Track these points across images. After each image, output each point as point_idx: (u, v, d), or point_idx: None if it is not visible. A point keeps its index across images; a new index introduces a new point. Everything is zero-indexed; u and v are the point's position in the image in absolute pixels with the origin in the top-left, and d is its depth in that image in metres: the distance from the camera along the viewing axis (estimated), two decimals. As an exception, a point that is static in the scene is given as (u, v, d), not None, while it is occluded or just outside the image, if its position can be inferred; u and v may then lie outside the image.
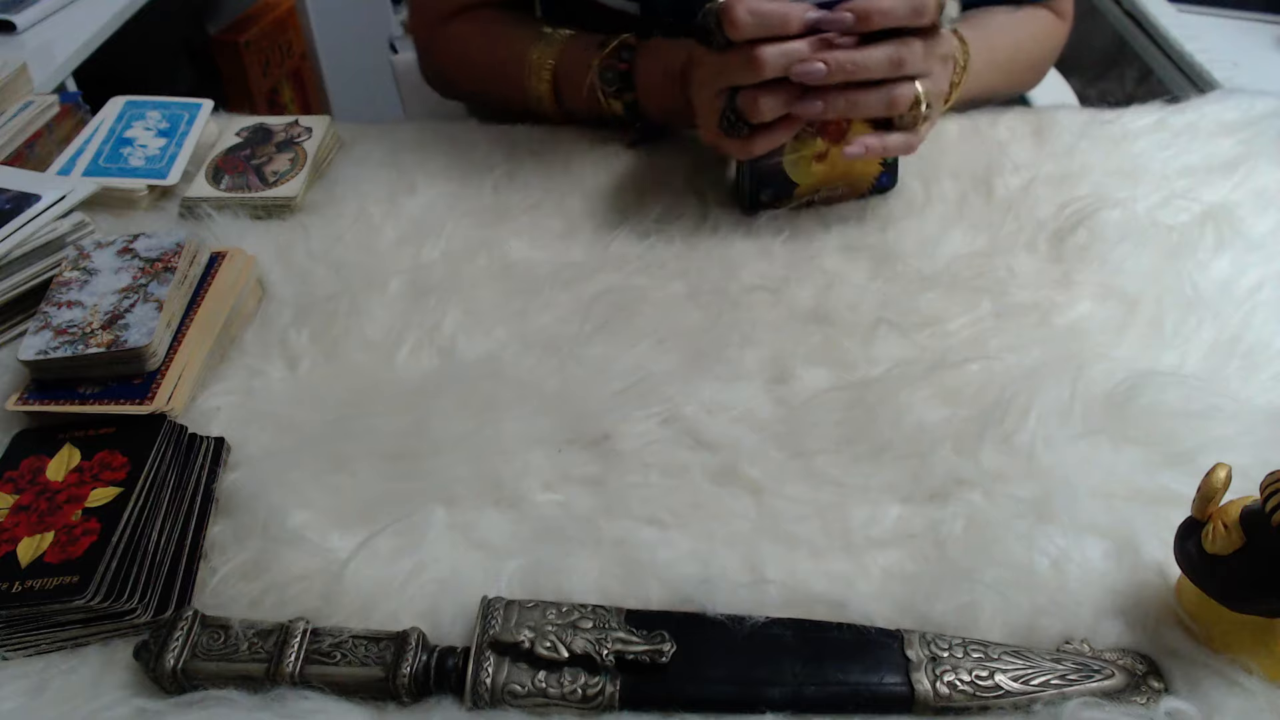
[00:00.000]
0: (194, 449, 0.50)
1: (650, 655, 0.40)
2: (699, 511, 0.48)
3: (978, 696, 0.40)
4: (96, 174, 0.72)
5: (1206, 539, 0.39)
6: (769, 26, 0.58)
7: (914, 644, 0.41)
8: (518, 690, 0.40)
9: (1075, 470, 0.49)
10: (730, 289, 0.62)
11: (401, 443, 0.51)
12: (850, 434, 0.52)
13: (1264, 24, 1.19)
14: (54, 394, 0.53)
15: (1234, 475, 0.39)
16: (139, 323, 0.54)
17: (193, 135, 0.76)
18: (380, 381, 0.56)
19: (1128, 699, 0.40)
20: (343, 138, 0.79)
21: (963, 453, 0.50)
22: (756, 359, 0.57)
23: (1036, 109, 0.80)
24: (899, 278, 0.63)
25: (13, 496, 0.47)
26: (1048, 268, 0.64)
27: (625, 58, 0.72)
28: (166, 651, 0.41)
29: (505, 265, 0.65)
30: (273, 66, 1.97)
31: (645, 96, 0.72)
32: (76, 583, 0.42)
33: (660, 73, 0.70)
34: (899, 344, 0.58)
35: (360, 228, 0.69)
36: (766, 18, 0.57)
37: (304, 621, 0.42)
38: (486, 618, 0.42)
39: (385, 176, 0.74)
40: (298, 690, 0.40)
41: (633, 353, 0.57)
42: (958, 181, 0.71)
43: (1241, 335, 0.57)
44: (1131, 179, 0.70)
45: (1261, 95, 0.77)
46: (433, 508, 0.48)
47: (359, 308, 0.61)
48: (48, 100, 0.77)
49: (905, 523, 0.48)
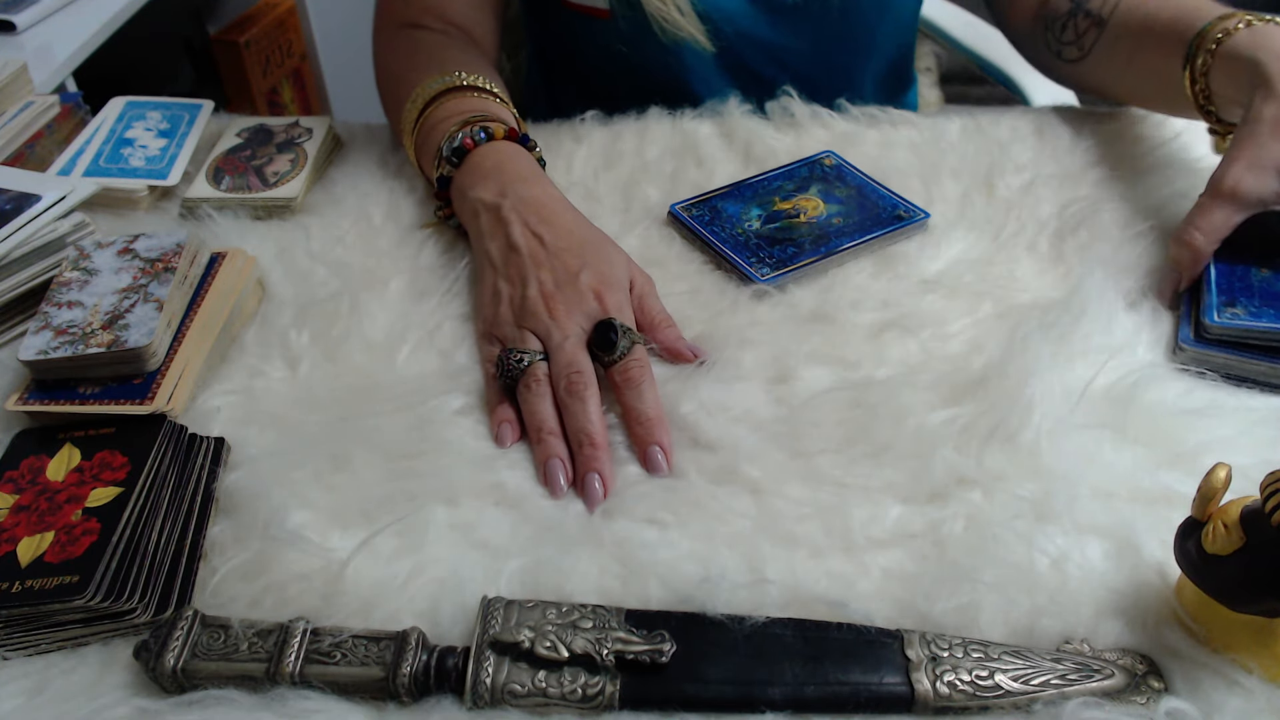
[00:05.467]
0: (194, 449, 0.50)
1: (650, 655, 0.40)
2: (699, 511, 0.48)
3: (978, 696, 0.40)
4: (97, 174, 0.72)
5: (1206, 539, 0.39)
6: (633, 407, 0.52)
7: (914, 644, 0.41)
8: (518, 690, 0.40)
9: (1075, 470, 0.49)
10: (730, 289, 0.62)
11: (401, 443, 0.51)
12: (850, 434, 0.52)
13: (1264, 24, 1.19)
14: (54, 394, 0.53)
15: (1234, 475, 0.39)
16: (139, 323, 0.54)
17: (193, 136, 0.76)
18: (380, 381, 0.56)
19: (1128, 699, 0.40)
20: (343, 138, 0.79)
21: (963, 453, 0.50)
22: (756, 358, 0.57)
23: (1037, 109, 0.80)
24: (899, 278, 0.63)
25: (13, 496, 0.47)
26: (1049, 267, 0.64)
27: (476, 137, 0.64)
28: (166, 651, 0.41)
29: (505, 265, 0.65)
30: (273, 66, 1.97)
31: (460, 188, 0.64)
32: (76, 582, 0.42)
33: (479, 178, 0.63)
34: (899, 344, 0.58)
35: (360, 228, 0.69)
36: (645, 393, 0.52)
37: (304, 621, 0.42)
38: (486, 617, 0.42)
39: (385, 176, 0.74)
40: (298, 690, 0.40)
41: (633, 353, 0.57)
42: (959, 181, 0.71)
43: (1242, 335, 0.57)
44: (1132, 179, 0.70)
45: (1262, 95, 0.77)
46: (433, 508, 0.48)
47: (359, 308, 0.61)
48: (48, 100, 0.77)
49: (905, 523, 0.48)
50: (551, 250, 0.58)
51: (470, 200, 0.63)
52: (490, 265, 0.60)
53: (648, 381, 0.53)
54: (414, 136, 0.69)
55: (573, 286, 0.57)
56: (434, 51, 0.75)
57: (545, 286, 0.57)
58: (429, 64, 0.72)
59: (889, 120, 0.78)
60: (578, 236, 0.60)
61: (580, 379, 0.53)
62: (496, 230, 0.60)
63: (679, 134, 0.77)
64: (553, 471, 0.50)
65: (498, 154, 0.64)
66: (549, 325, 0.55)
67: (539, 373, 0.54)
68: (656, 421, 0.52)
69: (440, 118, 0.67)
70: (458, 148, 0.64)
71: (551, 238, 0.59)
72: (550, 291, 0.57)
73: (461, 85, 0.69)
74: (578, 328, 0.55)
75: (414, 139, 0.70)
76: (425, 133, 0.68)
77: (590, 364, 0.54)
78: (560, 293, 0.56)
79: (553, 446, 0.51)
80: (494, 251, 0.60)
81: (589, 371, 0.53)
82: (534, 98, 0.99)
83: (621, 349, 0.54)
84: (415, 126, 0.69)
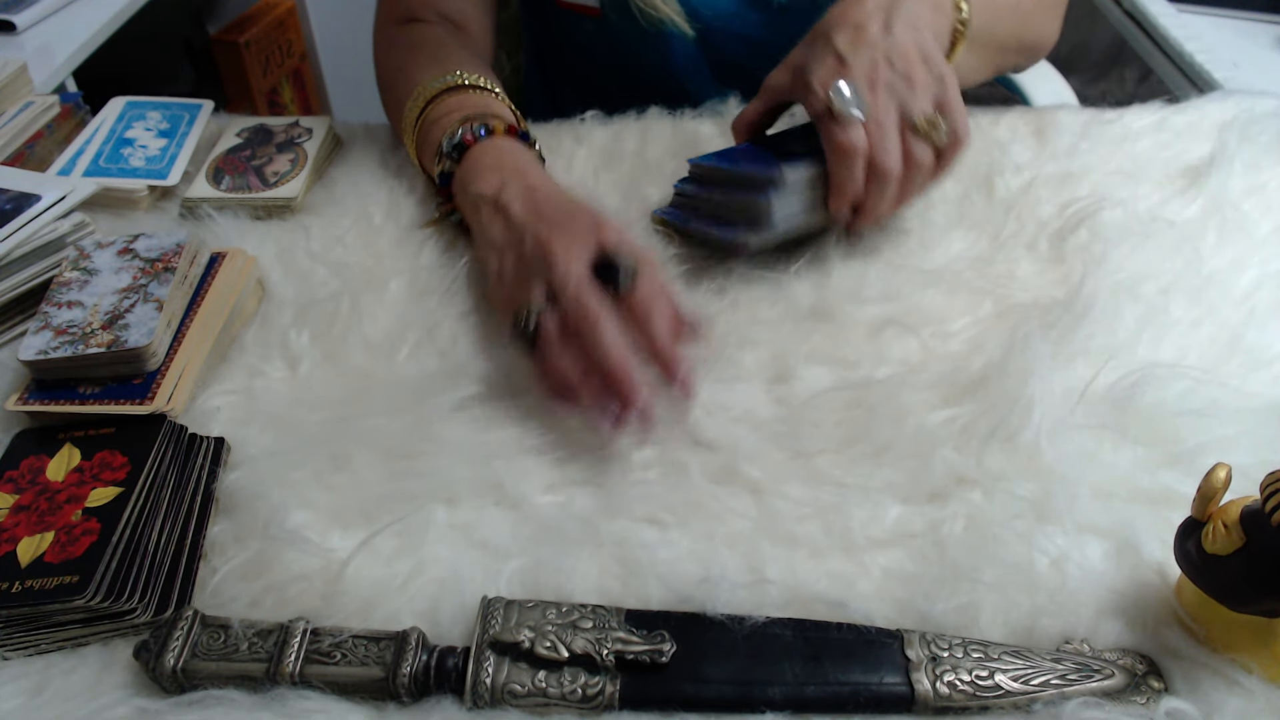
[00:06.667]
0: (194, 449, 0.51)
1: (650, 655, 0.40)
2: (699, 511, 0.48)
3: (978, 696, 0.40)
4: (97, 174, 0.72)
5: (1206, 539, 0.39)
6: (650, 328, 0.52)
7: (914, 644, 0.41)
8: (518, 690, 0.40)
9: (1075, 470, 0.49)
10: (730, 288, 0.62)
11: (401, 443, 0.51)
12: (850, 434, 0.52)
13: (1264, 24, 1.19)
14: (54, 394, 0.53)
15: (1234, 475, 0.39)
16: (139, 323, 0.54)
17: (193, 136, 0.76)
18: (380, 381, 0.57)
19: (1128, 699, 0.40)
20: (343, 138, 0.79)
21: (963, 452, 0.50)
22: (756, 358, 0.57)
23: (1037, 109, 0.80)
24: (900, 277, 0.63)
25: (13, 496, 0.47)
26: (1049, 267, 0.64)
27: (476, 133, 0.65)
28: (166, 651, 0.41)
29: (505, 265, 0.65)
30: (273, 66, 1.97)
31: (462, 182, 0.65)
32: (76, 582, 0.42)
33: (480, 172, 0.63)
34: (900, 344, 0.58)
35: (360, 228, 0.69)
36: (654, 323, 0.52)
37: (304, 621, 0.42)
38: (486, 618, 0.42)
39: (385, 176, 0.74)
40: (298, 690, 0.40)
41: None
42: (958, 181, 0.71)
43: (1242, 335, 0.57)
44: (1132, 179, 0.70)
45: (1261, 95, 0.77)
46: (433, 508, 0.48)
47: (359, 308, 0.61)
48: (48, 100, 0.77)
49: (905, 523, 0.48)
50: (547, 214, 0.58)
51: (471, 195, 0.63)
52: (493, 249, 0.60)
53: (657, 310, 0.52)
54: (415, 135, 0.70)
55: (568, 227, 0.55)
56: (434, 49, 0.75)
57: (540, 234, 0.56)
58: (429, 62, 0.73)
59: (889, 120, 0.78)
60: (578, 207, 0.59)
61: (585, 316, 0.51)
62: (496, 218, 0.60)
63: (679, 134, 0.77)
64: (596, 422, 0.51)
65: (498, 149, 0.64)
66: (549, 268, 0.54)
67: (548, 331, 0.53)
68: (667, 354, 0.52)
69: (440, 114, 0.67)
70: (458, 144, 0.65)
71: (550, 209, 0.58)
72: (546, 237, 0.55)
73: (462, 84, 0.69)
74: (579, 263, 0.53)
75: (415, 137, 0.70)
76: (426, 130, 0.68)
77: (597, 296, 0.52)
78: (555, 234, 0.55)
79: (583, 397, 0.51)
80: (495, 235, 0.60)
81: (594, 305, 0.51)
82: (532, 97, 0.99)
83: (624, 280, 0.52)
84: (416, 125, 0.69)
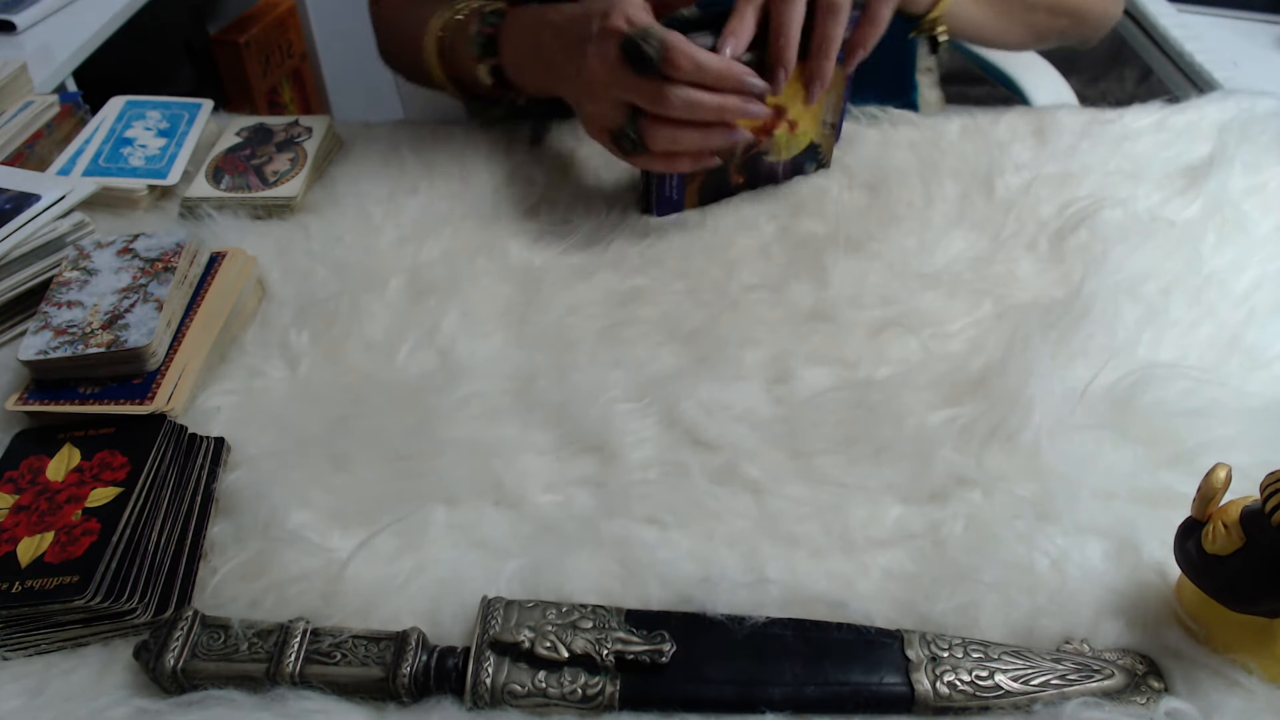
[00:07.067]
0: (194, 449, 0.50)
1: (650, 655, 0.40)
2: (699, 511, 0.48)
3: (978, 696, 0.40)
4: (96, 174, 0.72)
5: (1206, 539, 0.39)
6: (704, 79, 0.58)
7: (914, 644, 0.41)
8: (518, 690, 0.40)
9: (1075, 470, 0.49)
10: (730, 288, 0.62)
11: (401, 443, 0.51)
12: (850, 434, 0.52)
13: (1264, 24, 1.19)
14: (54, 394, 0.53)
15: (1234, 475, 0.39)
16: (139, 323, 0.54)
17: (193, 135, 0.76)
18: (380, 381, 0.56)
19: (1128, 699, 0.40)
20: (343, 138, 0.79)
21: (963, 452, 0.50)
22: (756, 359, 0.57)
23: (1037, 109, 0.80)
24: (900, 277, 0.63)
25: (13, 496, 0.47)
26: (1049, 267, 0.64)
27: (492, 22, 0.70)
28: (166, 651, 0.41)
29: (505, 265, 0.65)
30: (273, 66, 1.97)
31: (509, 65, 0.70)
32: (76, 583, 0.42)
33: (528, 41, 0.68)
34: (900, 344, 0.58)
35: (360, 228, 0.69)
36: (705, 72, 0.57)
37: (304, 621, 0.42)
38: (486, 618, 0.42)
39: (385, 176, 0.74)
40: (298, 690, 0.40)
41: (632, 352, 0.58)
42: (958, 181, 0.71)
43: (1242, 334, 0.57)
44: (1132, 179, 0.70)
45: (1261, 95, 0.77)
46: (433, 508, 0.48)
47: (359, 308, 0.61)
48: (48, 100, 0.77)
49: (905, 523, 0.48)
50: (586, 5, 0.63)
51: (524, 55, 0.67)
52: (569, 56, 0.63)
53: (701, 55, 0.57)
54: (440, 65, 0.74)
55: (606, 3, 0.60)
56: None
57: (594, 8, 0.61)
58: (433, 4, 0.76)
59: (889, 120, 0.78)
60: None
61: (675, 45, 0.56)
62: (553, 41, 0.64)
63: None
64: (723, 142, 0.60)
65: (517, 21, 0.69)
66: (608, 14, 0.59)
67: (644, 127, 0.60)
68: (734, 75, 0.58)
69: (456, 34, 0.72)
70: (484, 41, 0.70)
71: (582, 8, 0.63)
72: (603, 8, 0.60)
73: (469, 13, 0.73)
74: (636, 9, 0.59)
75: (442, 69, 0.74)
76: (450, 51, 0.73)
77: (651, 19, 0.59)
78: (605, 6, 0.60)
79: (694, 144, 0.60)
80: (555, 51, 0.64)
81: (678, 37, 0.57)
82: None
83: (654, 57, 0.57)
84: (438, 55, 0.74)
